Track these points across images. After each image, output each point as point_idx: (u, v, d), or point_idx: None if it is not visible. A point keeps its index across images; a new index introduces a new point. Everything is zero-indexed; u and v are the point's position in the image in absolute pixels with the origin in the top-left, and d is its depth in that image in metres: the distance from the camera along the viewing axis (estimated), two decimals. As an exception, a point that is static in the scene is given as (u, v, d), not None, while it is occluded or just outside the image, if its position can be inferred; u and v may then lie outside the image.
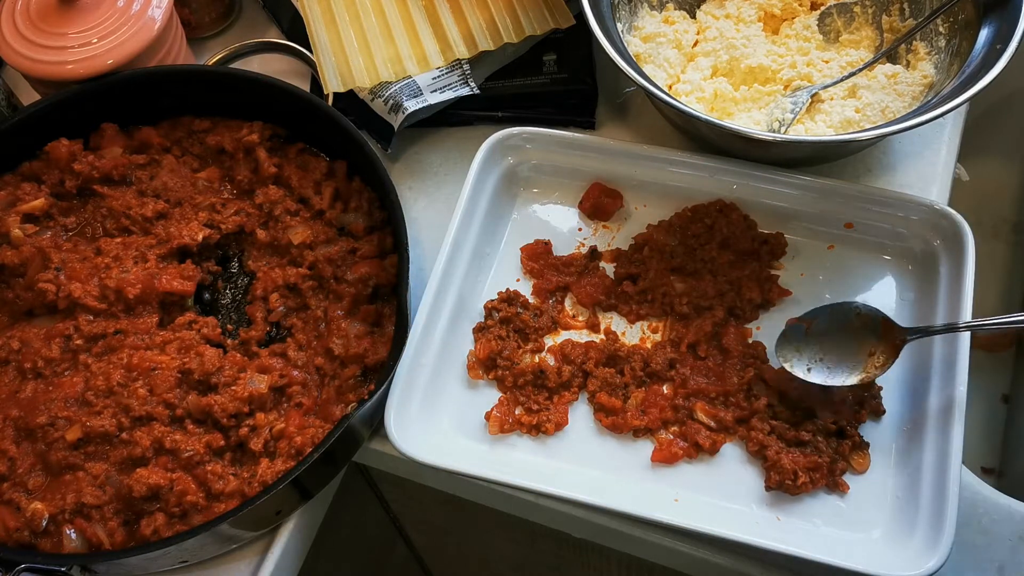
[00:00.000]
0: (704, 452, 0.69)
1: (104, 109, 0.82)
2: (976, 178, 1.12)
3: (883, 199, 0.75)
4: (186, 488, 0.67)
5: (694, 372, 0.72)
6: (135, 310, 0.75)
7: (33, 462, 0.69)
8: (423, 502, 0.93)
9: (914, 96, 0.79)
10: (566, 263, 0.78)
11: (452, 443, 0.71)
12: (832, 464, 0.67)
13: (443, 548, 1.12)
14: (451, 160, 0.86)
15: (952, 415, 0.65)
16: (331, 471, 0.71)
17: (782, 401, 0.70)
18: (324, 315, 0.76)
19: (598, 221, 0.81)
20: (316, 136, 0.83)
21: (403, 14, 0.87)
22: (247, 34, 0.98)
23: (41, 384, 0.71)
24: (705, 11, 0.88)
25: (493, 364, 0.73)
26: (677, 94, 0.81)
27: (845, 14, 0.85)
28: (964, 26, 0.77)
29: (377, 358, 0.72)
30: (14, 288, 0.76)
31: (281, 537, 0.70)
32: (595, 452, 0.70)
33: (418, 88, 0.82)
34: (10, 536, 0.66)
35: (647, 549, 0.71)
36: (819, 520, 0.66)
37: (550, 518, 0.73)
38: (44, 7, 0.81)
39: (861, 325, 0.69)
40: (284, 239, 0.78)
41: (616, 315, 0.77)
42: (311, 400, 0.72)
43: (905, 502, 0.65)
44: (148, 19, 0.82)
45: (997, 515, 0.68)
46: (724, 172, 0.77)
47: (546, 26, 0.86)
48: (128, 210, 0.79)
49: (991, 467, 1.11)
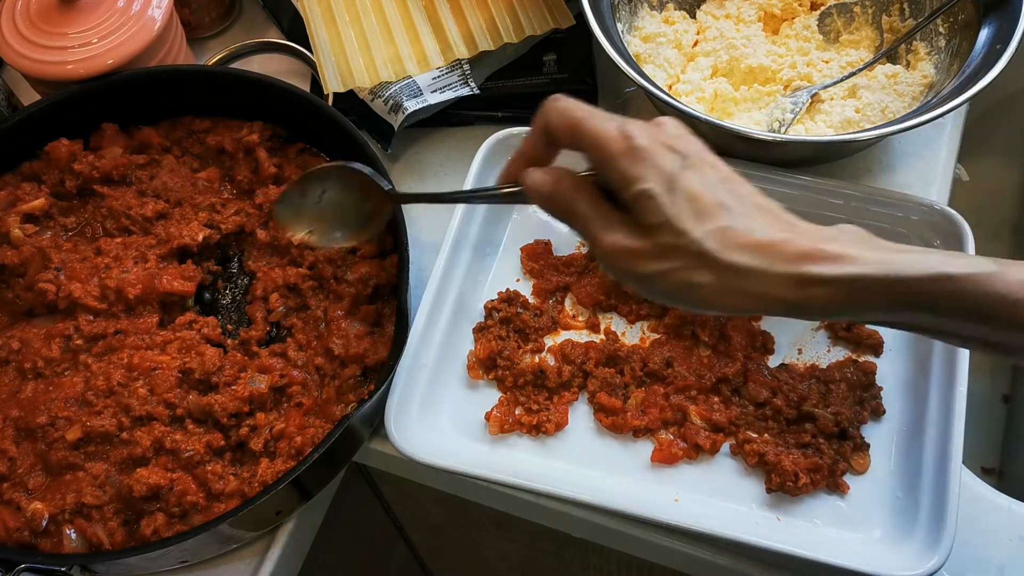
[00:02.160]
0: (704, 452, 0.69)
1: (104, 109, 0.82)
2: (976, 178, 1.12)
3: (883, 199, 0.75)
4: (186, 488, 0.67)
5: (688, 369, 0.72)
6: (135, 310, 0.75)
7: (33, 462, 0.69)
8: (423, 502, 0.93)
9: (914, 96, 0.79)
10: (566, 263, 0.78)
11: (452, 443, 0.71)
12: (833, 465, 0.67)
13: (443, 548, 1.13)
14: (451, 160, 0.86)
15: (952, 415, 0.65)
16: (331, 471, 0.71)
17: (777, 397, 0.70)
18: (324, 315, 0.76)
19: (598, 221, 0.81)
20: (316, 136, 0.83)
21: (403, 14, 0.87)
22: (247, 34, 0.98)
23: (41, 384, 0.71)
24: (705, 11, 0.88)
25: (493, 364, 0.73)
26: (677, 94, 0.81)
27: (845, 14, 0.85)
28: (964, 26, 0.77)
29: (377, 358, 0.72)
30: (14, 288, 0.76)
31: (281, 537, 0.70)
32: (595, 452, 0.70)
33: (418, 88, 0.83)
34: (10, 536, 0.66)
35: (647, 549, 0.71)
36: (819, 520, 0.66)
37: (550, 518, 0.73)
38: (44, 7, 0.82)
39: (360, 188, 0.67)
40: (284, 239, 0.78)
41: (616, 315, 0.77)
42: (311, 400, 0.72)
43: (905, 502, 0.65)
44: (148, 19, 0.82)
45: (997, 515, 0.68)
46: (724, 172, 0.77)
47: (546, 26, 0.86)
48: (128, 210, 0.79)
49: (991, 467, 1.11)
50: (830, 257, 0.47)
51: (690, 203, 0.49)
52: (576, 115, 0.52)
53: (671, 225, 0.49)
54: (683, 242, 0.49)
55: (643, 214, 0.50)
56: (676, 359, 0.73)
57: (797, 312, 0.49)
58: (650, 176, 0.49)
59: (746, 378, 0.71)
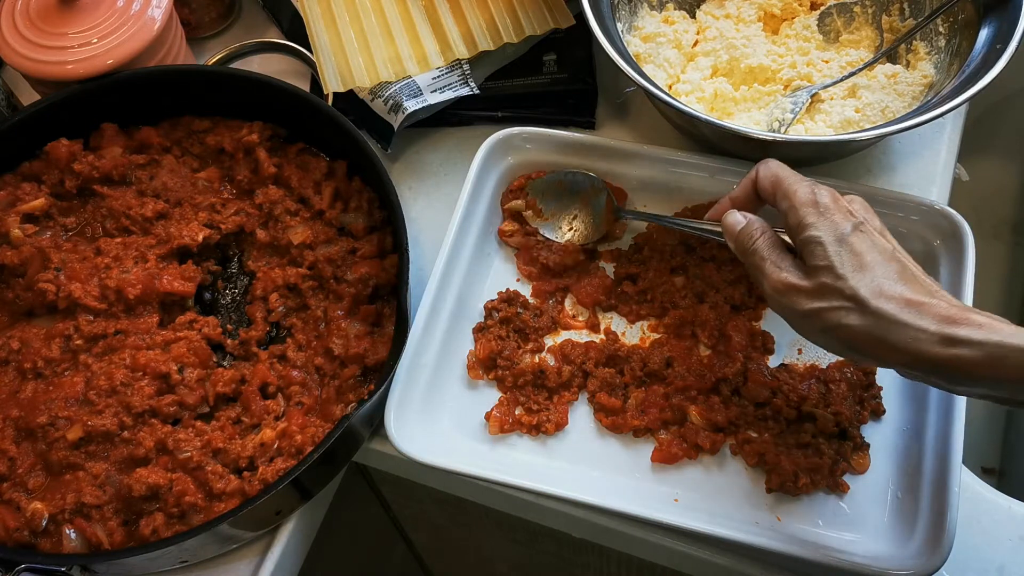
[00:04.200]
0: (704, 452, 0.69)
1: (104, 109, 0.82)
2: (976, 178, 1.12)
3: (883, 199, 0.75)
4: (185, 488, 0.67)
5: (688, 369, 0.72)
6: (135, 310, 0.75)
7: (33, 462, 0.69)
8: (423, 502, 0.93)
9: (914, 96, 0.79)
10: (558, 267, 0.78)
11: (452, 443, 0.71)
12: (833, 465, 0.67)
13: (443, 548, 1.12)
14: (451, 160, 0.86)
15: (952, 415, 0.65)
16: (331, 471, 0.71)
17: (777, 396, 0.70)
18: (324, 315, 0.76)
19: (598, 221, 0.81)
20: (316, 136, 0.83)
21: (403, 14, 0.87)
22: (247, 34, 0.98)
23: (41, 384, 0.71)
24: (705, 11, 0.88)
25: (493, 364, 0.73)
26: (677, 94, 0.81)
27: (845, 14, 0.85)
28: (964, 26, 0.77)
29: (377, 358, 0.72)
30: (14, 288, 0.76)
31: (281, 537, 0.70)
32: (595, 452, 0.70)
33: (418, 88, 0.82)
34: (10, 536, 0.66)
35: (647, 549, 0.71)
36: (819, 520, 0.66)
37: (550, 518, 0.73)
38: (44, 7, 0.82)
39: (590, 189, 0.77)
40: (284, 239, 0.78)
41: (616, 315, 0.77)
42: (311, 399, 0.72)
43: (905, 502, 0.65)
44: (148, 19, 0.82)
45: (997, 515, 0.68)
46: (724, 172, 0.77)
47: (546, 26, 0.86)
48: (128, 210, 0.79)
49: (991, 467, 1.11)
50: (976, 323, 0.52)
51: (854, 257, 0.56)
52: (779, 173, 0.62)
53: (832, 269, 0.55)
54: (840, 285, 0.55)
55: (810, 257, 0.57)
56: (676, 359, 0.73)
57: (938, 370, 0.52)
58: (824, 227, 0.57)
59: (746, 378, 0.71)
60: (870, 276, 0.55)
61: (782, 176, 0.62)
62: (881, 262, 0.55)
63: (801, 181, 0.61)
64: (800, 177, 0.62)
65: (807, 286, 0.56)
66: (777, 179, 0.62)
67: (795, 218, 0.59)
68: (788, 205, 0.60)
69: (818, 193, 0.59)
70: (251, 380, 0.73)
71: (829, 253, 0.56)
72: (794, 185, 0.60)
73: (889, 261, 0.56)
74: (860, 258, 0.55)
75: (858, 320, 0.54)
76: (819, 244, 0.56)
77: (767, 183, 0.63)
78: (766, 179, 0.63)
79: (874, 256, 0.56)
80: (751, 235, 0.62)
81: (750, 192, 0.65)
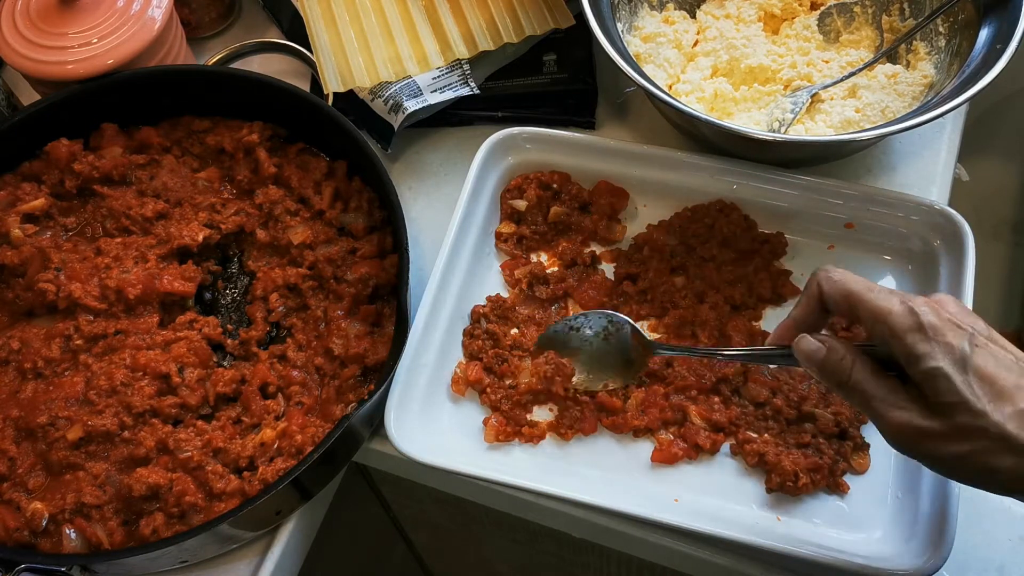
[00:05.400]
0: (704, 452, 0.69)
1: (104, 109, 0.82)
2: (976, 178, 1.12)
3: (883, 199, 0.75)
4: (186, 488, 0.67)
5: (688, 369, 0.72)
6: (135, 310, 0.75)
7: (33, 462, 0.69)
8: (423, 502, 0.93)
9: (914, 96, 0.79)
10: (548, 277, 0.78)
11: (452, 443, 0.71)
12: (833, 465, 0.67)
13: (443, 548, 1.12)
14: (451, 160, 0.86)
15: (952, 415, 0.65)
16: (331, 471, 0.71)
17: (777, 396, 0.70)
18: (324, 315, 0.76)
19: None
20: (316, 136, 0.83)
21: (403, 14, 0.87)
22: (247, 34, 0.98)
23: (41, 384, 0.71)
24: (705, 11, 0.88)
25: (482, 390, 0.73)
26: (677, 94, 0.81)
27: (845, 14, 0.85)
28: (964, 26, 0.77)
29: (377, 358, 0.72)
30: (14, 288, 0.76)
31: (281, 537, 0.70)
32: (595, 452, 0.70)
33: (418, 88, 0.82)
34: (10, 536, 0.66)
35: (647, 549, 0.71)
36: (819, 520, 0.66)
37: (550, 518, 0.73)
38: (44, 7, 0.82)
39: (617, 337, 0.68)
40: (284, 239, 0.78)
41: (616, 315, 0.77)
42: (311, 399, 0.72)
43: (905, 502, 0.65)
44: (148, 19, 0.82)
45: (997, 515, 0.68)
46: (724, 172, 0.77)
47: (546, 26, 0.86)
48: (128, 210, 0.79)
49: (991, 467, 1.11)
50: None
51: (985, 384, 0.49)
52: (853, 288, 0.54)
53: (968, 406, 0.48)
54: (982, 423, 0.48)
55: (936, 393, 0.50)
56: (676, 359, 0.72)
57: None
58: (941, 354, 0.50)
59: (746, 378, 0.71)
60: (1011, 405, 0.48)
61: (855, 291, 0.54)
62: (1018, 383, 0.49)
63: (887, 296, 0.53)
64: (878, 288, 0.54)
65: (942, 429, 0.50)
66: (850, 294, 0.54)
67: (902, 349, 0.51)
68: (886, 332, 0.52)
69: (918, 311, 0.51)
70: (251, 380, 0.73)
71: (958, 386, 0.49)
72: (880, 302, 0.52)
73: (1020, 377, 0.49)
74: (993, 384, 0.49)
75: (1011, 461, 0.48)
76: (944, 378, 0.49)
77: (839, 298, 0.55)
78: (836, 294, 0.55)
79: (1005, 376, 0.49)
80: (843, 368, 0.54)
81: (815, 309, 0.58)
